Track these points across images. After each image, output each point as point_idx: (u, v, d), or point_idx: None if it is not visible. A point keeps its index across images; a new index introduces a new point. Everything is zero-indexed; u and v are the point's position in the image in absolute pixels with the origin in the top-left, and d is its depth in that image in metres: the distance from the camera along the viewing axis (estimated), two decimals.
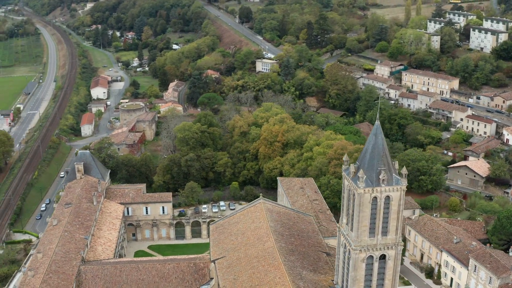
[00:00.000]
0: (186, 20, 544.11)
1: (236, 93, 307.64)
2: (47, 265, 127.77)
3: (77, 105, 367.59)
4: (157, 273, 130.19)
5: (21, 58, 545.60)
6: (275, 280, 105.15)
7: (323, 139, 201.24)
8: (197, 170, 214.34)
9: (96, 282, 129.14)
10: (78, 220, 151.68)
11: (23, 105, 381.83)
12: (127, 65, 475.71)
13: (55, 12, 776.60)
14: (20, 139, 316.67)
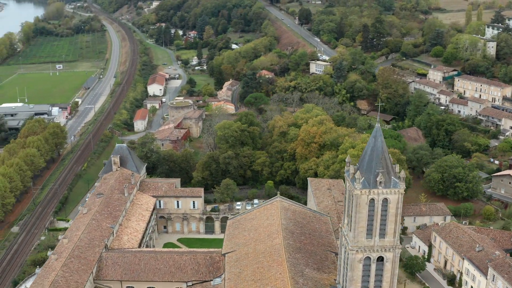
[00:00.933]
0: (247, 21, 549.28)
1: (282, 93, 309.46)
2: (70, 250, 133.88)
3: (133, 101, 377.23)
4: (174, 264, 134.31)
5: (84, 54, 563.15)
6: (276, 276, 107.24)
7: (358, 141, 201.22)
8: (235, 168, 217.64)
9: (116, 269, 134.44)
10: (107, 210, 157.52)
11: (81, 99, 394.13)
12: (186, 64, 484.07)
13: (122, 10, 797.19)
14: (75, 132, 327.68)
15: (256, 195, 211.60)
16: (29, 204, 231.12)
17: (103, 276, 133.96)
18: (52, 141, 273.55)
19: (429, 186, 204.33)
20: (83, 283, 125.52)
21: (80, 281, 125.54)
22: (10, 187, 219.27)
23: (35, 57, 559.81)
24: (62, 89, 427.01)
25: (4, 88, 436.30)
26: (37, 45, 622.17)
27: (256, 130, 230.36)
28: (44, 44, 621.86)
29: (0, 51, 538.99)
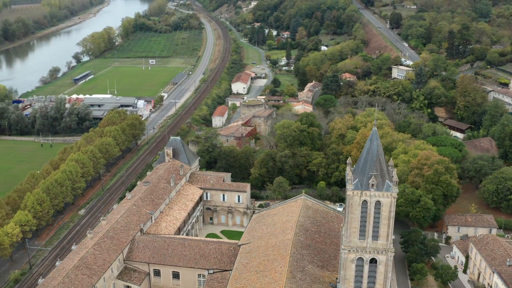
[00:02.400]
0: (340, 23, 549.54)
1: (349, 97, 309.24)
2: (105, 231, 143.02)
3: (215, 98, 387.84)
4: (199, 251, 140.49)
5: (179, 50, 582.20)
6: (276, 269, 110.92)
7: (412, 147, 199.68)
8: (291, 167, 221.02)
9: (145, 252, 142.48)
10: (150, 197, 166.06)
11: (167, 94, 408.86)
12: (274, 64, 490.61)
13: (222, 8, 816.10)
14: (156, 124, 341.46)
15: (308, 194, 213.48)
16: (99, 190, 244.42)
17: (133, 257, 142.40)
18: (130, 132, 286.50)
19: (483, 197, 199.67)
20: (110, 262, 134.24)
21: (108, 260, 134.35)
22: (82, 172, 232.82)
23: (132, 51, 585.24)
24: (151, 83, 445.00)
25: (97, 80, 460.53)
26: (135, 40, 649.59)
27: (315, 131, 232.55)
28: (142, 40, 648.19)
29: (98, 45, 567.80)
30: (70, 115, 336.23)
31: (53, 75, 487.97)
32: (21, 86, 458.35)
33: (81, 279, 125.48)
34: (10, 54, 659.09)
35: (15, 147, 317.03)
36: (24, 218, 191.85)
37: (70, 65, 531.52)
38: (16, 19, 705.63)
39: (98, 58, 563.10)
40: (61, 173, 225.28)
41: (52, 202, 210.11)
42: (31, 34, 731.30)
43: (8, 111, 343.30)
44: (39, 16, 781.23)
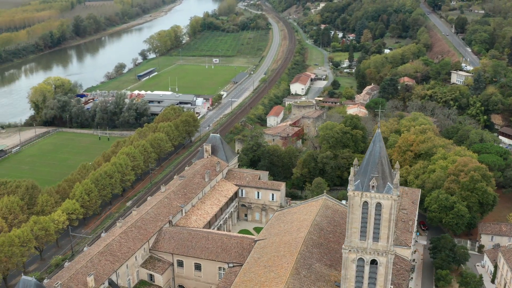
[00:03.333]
0: (405, 27, 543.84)
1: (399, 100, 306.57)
2: (134, 221, 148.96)
3: (273, 98, 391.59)
4: (221, 245, 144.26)
5: (243, 50, 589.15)
6: (283, 265, 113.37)
7: (451, 153, 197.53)
8: (332, 168, 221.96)
9: (170, 243, 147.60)
10: (183, 191, 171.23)
11: (226, 93, 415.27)
12: (336, 66, 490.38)
13: (290, 9, 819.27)
14: (212, 122, 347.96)
15: (346, 196, 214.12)
16: (147, 183, 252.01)
17: (158, 247, 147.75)
18: (183, 128, 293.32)
19: None
20: (134, 250, 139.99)
21: (132, 248, 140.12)
22: (132, 165, 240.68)
23: (197, 50, 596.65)
24: (212, 82, 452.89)
25: (160, 77, 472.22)
26: (202, 39, 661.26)
27: (359, 133, 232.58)
28: (209, 39, 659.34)
29: (165, 43, 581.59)
30: (128, 110, 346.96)
31: (119, 71, 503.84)
32: (87, 81, 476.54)
33: (104, 264, 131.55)
34: (81, 49, 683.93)
35: (74, 139, 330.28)
36: (72, 206, 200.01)
37: (136, 62, 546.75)
38: (87, 15, 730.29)
39: (164, 56, 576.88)
40: (111, 165, 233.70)
41: (100, 192, 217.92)
42: (102, 30, 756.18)
43: (70, 104, 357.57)
44: (111, 13, 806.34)
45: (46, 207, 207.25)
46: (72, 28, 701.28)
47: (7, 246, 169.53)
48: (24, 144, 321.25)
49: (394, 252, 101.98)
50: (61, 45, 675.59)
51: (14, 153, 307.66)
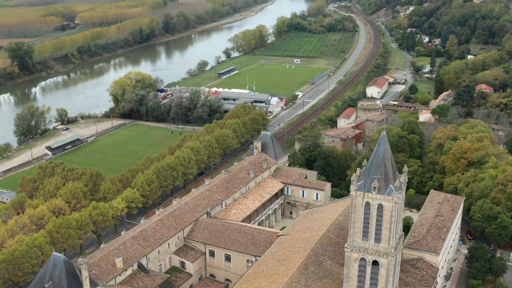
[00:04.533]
0: (492, 33, 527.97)
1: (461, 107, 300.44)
2: (172, 210, 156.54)
3: (347, 100, 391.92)
4: (251, 239, 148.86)
5: (326, 51, 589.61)
6: (294, 260, 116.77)
7: (503, 163, 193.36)
8: None
9: (204, 233, 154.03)
10: (226, 185, 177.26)
11: (302, 93, 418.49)
12: (417, 70, 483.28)
13: (380, 12, 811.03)
14: (283, 122, 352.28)
15: None
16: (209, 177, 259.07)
17: (193, 236, 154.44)
18: (251, 126, 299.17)
19: None
20: (167, 237, 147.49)
21: (165, 235, 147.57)
22: (195, 159, 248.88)
23: (281, 50, 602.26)
24: (290, 82, 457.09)
25: (240, 75, 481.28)
26: (287, 39, 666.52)
27: (415, 138, 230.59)
28: (294, 39, 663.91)
29: (249, 42, 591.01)
30: (202, 106, 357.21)
31: (201, 68, 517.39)
32: (170, 77, 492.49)
33: (135, 248, 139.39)
34: (170, 46, 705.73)
35: (148, 132, 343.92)
36: (132, 195, 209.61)
37: (219, 60, 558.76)
38: (178, 13, 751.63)
39: (247, 55, 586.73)
40: (174, 158, 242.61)
41: (161, 183, 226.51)
42: (191, 28, 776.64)
43: (147, 99, 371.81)
44: (201, 11, 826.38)
45: (108, 194, 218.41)
46: (162, 25, 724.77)
47: (64, 228, 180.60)
48: (100, 134, 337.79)
49: (396, 255, 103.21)
50: (150, 41, 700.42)
51: (89, 142, 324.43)
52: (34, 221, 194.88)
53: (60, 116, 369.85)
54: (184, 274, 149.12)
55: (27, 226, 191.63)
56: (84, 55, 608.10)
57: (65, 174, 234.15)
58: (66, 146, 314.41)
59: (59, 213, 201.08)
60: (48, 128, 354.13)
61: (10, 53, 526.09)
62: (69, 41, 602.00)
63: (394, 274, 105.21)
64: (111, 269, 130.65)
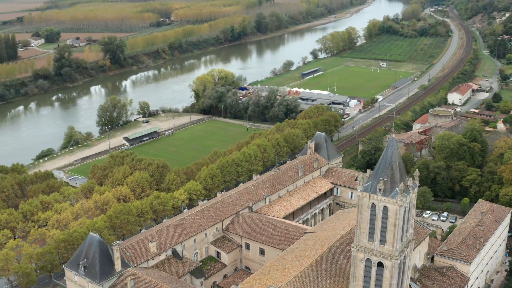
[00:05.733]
0: None
1: None
2: (214, 202, 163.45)
3: (426, 106, 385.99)
4: (285, 234, 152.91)
5: (415, 56, 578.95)
6: (310, 256, 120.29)
7: None
8: (443, 179, 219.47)
9: (242, 226, 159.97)
10: (273, 182, 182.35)
11: (382, 97, 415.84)
12: (504, 78, 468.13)
13: (476, 18, 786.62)
14: (359, 124, 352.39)
15: (450, 209, 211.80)
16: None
17: (231, 229, 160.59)
18: (322, 127, 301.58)
19: None
20: (205, 227, 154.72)
21: (203, 225, 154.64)
22: (261, 157, 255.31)
23: (369, 53, 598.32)
24: (372, 85, 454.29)
25: (323, 77, 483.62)
26: (377, 42, 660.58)
27: (476, 146, 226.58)
28: (385, 42, 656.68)
29: (337, 44, 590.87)
30: (279, 106, 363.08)
31: (286, 68, 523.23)
32: (255, 76, 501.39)
33: (172, 235, 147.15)
34: (261, 45, 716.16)
35: (224, 128, 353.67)
36: (194, 187, 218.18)
37: (306, 60, 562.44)
38: (270, 13, 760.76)
39: (334, 57, 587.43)
40: (240, 154, 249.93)
41: (225, 178, 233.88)
42: (284, 28, 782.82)
43: (226, 96, 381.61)
44: (295, 11, 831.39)
45: (172, 185, 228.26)
46: (254, 24, 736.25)
47: (124, 214, 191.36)
48: (177, 128, 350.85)
49: (400, 257, 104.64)
50: (241, 39, 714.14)
51: (166, 135, 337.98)
52: (98, 206, 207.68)
53: (142, 109, 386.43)
54: (219, 264, 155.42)
55: (91, 210, 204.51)
56: (175, 51, 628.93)
57: (133, 164, 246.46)
58: (143, 137, 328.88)
59: (123, 200, 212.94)
60: (129, 120, 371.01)
61: (103, 46, 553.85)
62: (160, 37, 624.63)
63: (400, 277, 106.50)
64: (145, 252, 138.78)
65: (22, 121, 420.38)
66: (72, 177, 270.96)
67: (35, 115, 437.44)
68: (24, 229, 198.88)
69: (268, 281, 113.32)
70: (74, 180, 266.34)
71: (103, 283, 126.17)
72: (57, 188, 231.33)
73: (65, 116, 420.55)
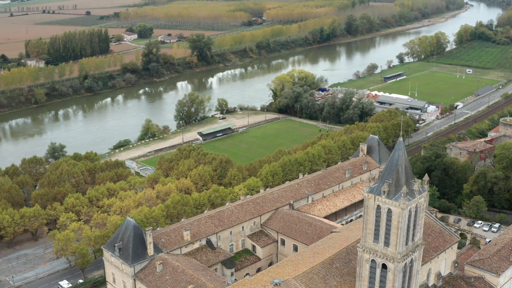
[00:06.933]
0: None
1: None
2: (254, 197, 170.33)
3: (505, 115, 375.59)
4: (319, 233, 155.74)
5: (504, 64, 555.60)
6: (325, 254, 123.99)
7: None
8: (500, 189, 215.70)
9: (279, 222, 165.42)
10: (318, 181, 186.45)
11: (462, 104, 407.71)
12: None
13: None
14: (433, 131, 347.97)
15: (504, 220, 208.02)
16: None
17: (269, 224, 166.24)
18: (392, 131, 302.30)
19: None
20: (241, 221, 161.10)
21: (240, 219, 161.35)
22: (325, 158, 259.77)
23: (457, 59, 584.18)
24: (455, 92, 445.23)
25: (406, 81, 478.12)
26: (467, 48, 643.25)
27: None
28: (475, 49, 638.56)
29: (424, 48, 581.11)
30: (354, 108, 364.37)
31: (370, 71, 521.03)
32: (337, 77, 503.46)
33: (209, 226, 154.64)
34: (351, 47, 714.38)
35: (298, 128, 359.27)
36: (254, 184, 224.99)
37: (391, 64, 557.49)
38: (361, 15, 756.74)
39: (421, 61, 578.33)
40: (303, 154, 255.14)
41: (286, 176, 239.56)
42: (375, 31, 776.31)
43: (302, 96, 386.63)
44: (387, 15, 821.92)
45: (233, 180, 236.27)
46: (344, 26, 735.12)
47: (181, 205, 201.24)
48: (251, 126, 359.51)
49: (402, 261, 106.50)
50: (330, 41, 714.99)
51: (240, 132, 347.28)
52: (160, 196, 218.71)
53: (220, 105, 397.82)
54: (253, 257, 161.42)
55: (152, 199, 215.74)
56: (262, 51, 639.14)
57: (199, 157, 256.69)
58: (217, 133, 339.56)
59: (185, 192, 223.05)
60: (206, 116, 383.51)
61: (190, 44, 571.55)
62: (249, 36, 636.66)
63: (405, 281, 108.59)
64: (179, 240, 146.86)
65: (108, 112, 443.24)
66: (143, 168, 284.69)
67: (121, 107, 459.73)
68: (89, 214, 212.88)
69: (279, 274, 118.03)
70: (144, 170, 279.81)
71: (134, 265, 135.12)
72: (125, 177, 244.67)
73: (149, 109, 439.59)
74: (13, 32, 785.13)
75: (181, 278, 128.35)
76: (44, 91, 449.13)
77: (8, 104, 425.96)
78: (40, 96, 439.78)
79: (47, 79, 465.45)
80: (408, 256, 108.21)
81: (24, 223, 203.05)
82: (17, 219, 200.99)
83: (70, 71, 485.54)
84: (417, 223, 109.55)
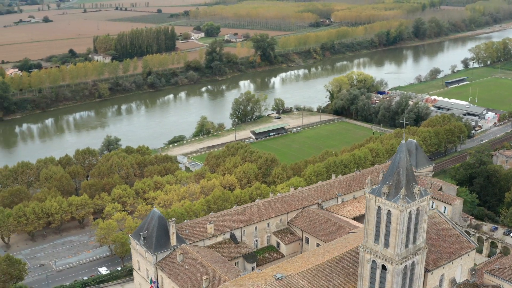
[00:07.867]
0: None
1: None
2: (283, 196, 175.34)
3: None
4: (342, 233, 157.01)
5: None
6: (334, 253, 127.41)
7: None
8: None
9: (304, 221, 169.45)
10: (349, 182, 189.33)
11: None
12: None
13: None
14: (489, 138, 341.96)
15: None
16: None
17: (295, 222, 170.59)
18: (444, 136, 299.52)
19: None
20: (267, 217, 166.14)
21: (266, 215, 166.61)
22: (372, 160, 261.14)
23: None
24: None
25: (468, 87, 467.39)
26: None
27: None
28: None
29: (491, 54, 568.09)
30: (409, 112, 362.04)
31: (432, 76, 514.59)
32: (398, 80, 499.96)
33: (234, 221, 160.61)
34: (418, 51, 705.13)
35: (351, 130, 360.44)
36: (297, 183, 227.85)
37: (455, 69, 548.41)
38: (429, 19, 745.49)
39: (486, 67, 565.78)
40: (349, 156, 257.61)
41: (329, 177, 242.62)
42: (443, 35, 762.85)
43: (358, 98, 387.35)
44: (457, 19, 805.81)
45: (277, 179, 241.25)
46: (412, 30, 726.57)
47: (221, 201, 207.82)
48: (305, 126, 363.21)
49: (401, 263, 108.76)
50: (397, 44, 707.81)
51: (293, 132, 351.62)
52: (204, 191, 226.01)
53: (277, 105, 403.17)
54: (277, 254, 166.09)
55: (196, 194, 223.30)
56: (327, 52, 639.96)
57: (245, 155, 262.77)
58: (270, 132, 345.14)
59: (229, 189, 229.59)
60: (262, 115, 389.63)
61: (254, 43, 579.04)
62: (313, 37, 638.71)
63: (404, 284, 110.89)
64: (203, 232, 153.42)
65: (170, 108, 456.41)
66: (193, 163, 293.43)
67: (183, 104, 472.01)
68: (134, 205, 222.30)
69: (287, 270, 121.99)
70: (195, 166, 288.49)
71: (156, 253, 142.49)
72: (173, 171, 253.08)
73: (210, 107, 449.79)
74: (84, 28, 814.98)
75: (198, 268, 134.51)
76: (108, 85, 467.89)
77: (72, 97, 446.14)
78: (103, 90, 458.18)
79: (111, 75, 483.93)
80: (408, 258, 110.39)
81: (71, 211, 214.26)
82: (64, 206, 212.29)
83: (134, 67, 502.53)
84: (419, 226, 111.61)
